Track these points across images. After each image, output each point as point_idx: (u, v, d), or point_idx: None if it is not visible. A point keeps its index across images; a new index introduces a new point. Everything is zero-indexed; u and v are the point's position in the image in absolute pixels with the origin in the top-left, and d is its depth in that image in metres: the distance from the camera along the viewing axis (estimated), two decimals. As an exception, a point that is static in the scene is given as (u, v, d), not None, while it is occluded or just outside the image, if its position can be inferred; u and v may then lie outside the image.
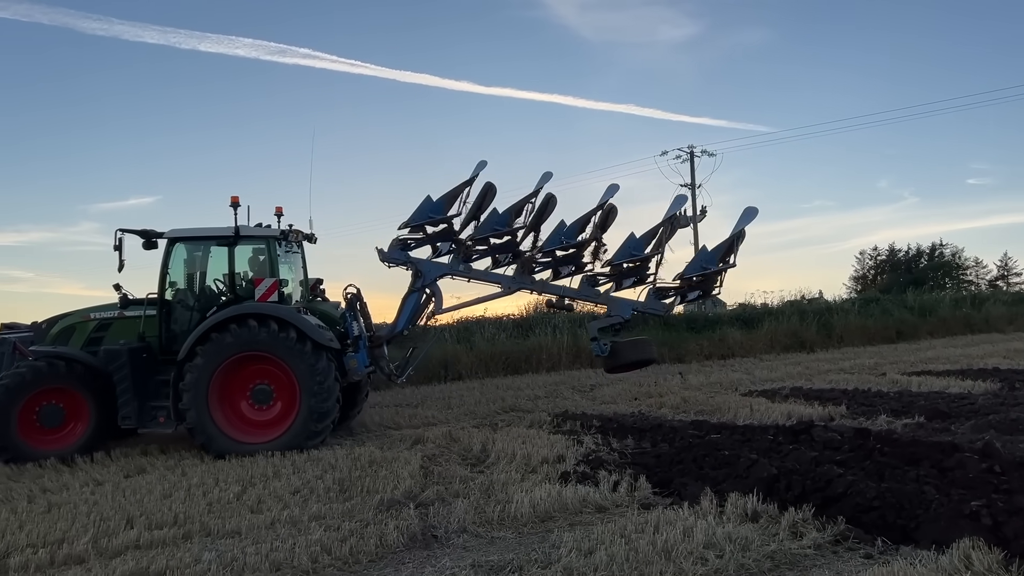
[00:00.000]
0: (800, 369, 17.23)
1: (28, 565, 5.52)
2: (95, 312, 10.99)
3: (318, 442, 9.99)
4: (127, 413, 10.11)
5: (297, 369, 9.96)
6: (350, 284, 12.08)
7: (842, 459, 6.97)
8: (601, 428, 10.10)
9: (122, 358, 10.17)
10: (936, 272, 54.21)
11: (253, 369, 10.14)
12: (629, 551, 4.95)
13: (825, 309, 26.80)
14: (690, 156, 44.56)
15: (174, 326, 10.68)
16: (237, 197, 10.83)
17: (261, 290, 10.58)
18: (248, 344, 9.96)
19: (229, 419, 9.99)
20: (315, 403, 9.89)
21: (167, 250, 10.69)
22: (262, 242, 11.03)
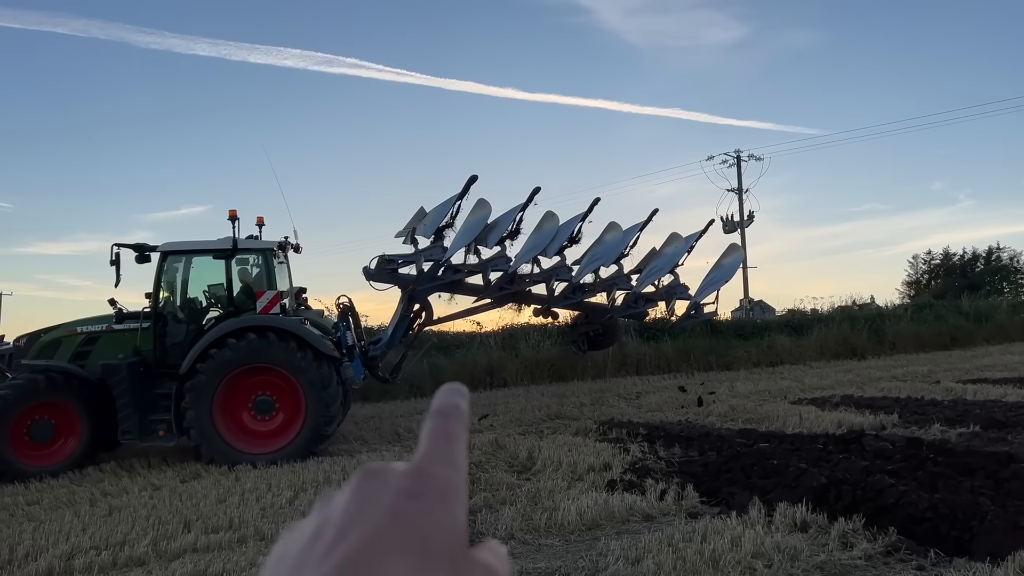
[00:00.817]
0: (851, 377, 16.94)
1: (92, 566, 5.73)
2: (82, 326, 10.90)
3: (325, 445, 10.37)
4: (128, 427, 10.05)
5: (303, 379, 10.16)
6: (342, 295, 12.60)
7: (894, 469, 6.87)
8: (647, 436, 10.08)
9: (122, 372, 10.10)
10: (993, 277, 52.70)
11: (254, 380, 10.26)
12: (676, 560, 4.96)
13: (877, 315, 26.27)
14: (737, 160, 44.13)
15: (169, 339, 10.76)
16: (235, 211, 11.12)
17: (263, 302, 10.67)
18: (254, 356, 10.11)
19: (232, 430, 10.09)
20: (322, 409, 10.15)
21: (161, 264, 10.81)
22: (259, 255, 11.16)
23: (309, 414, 10.16)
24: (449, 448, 0.46)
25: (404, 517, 0.41)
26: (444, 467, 0.45)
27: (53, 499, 8.46)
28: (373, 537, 0.40)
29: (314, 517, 0.45)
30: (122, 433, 10.09)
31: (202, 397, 9.92)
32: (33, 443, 9.89)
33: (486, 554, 0.45)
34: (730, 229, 43.56)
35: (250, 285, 11.05)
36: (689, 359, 20.77)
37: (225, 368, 10.03)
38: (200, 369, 9.98)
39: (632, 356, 20.52)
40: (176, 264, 11.03)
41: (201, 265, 11.23)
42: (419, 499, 0.43)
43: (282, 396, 10.34)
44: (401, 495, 0.43)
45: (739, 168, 44.11)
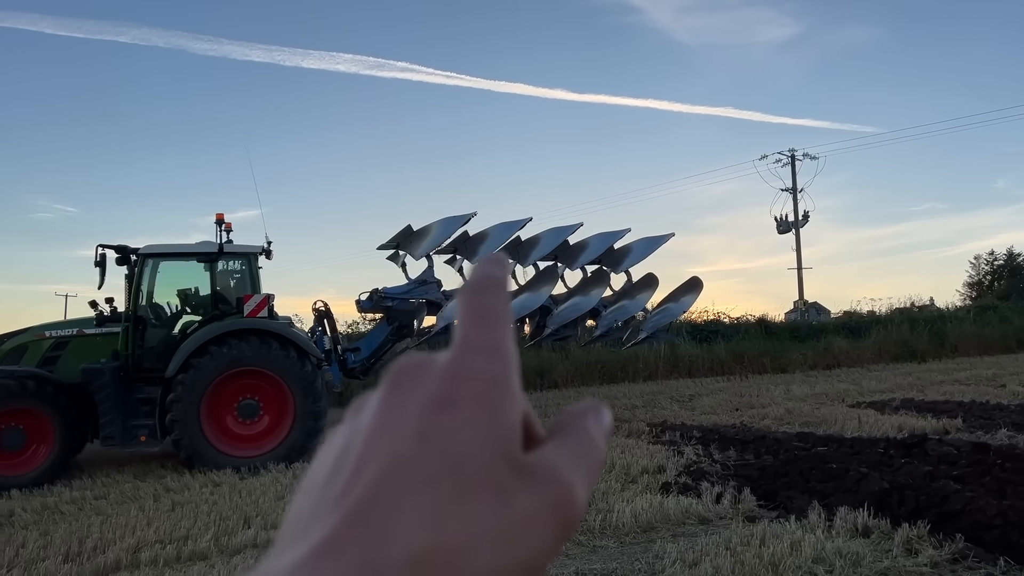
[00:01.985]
0: (911, 380, 16.53)
1: (157, 559, 5.89)
2: (50, 330, 10.65)
3: (318, 440, 10.24)
4: (110, 433, 9.83)
5: (292, 382, 10.19)
6: (318, 300, 12.62)
7: (959, 474, 6.68)
8: (701, 439, 9.97)
9: (105, 376, 9.90)
10: (1061, 277, 50.92)
11: (237, 385, 10.20)
12: (735, 563, 4.90)
13: (937, 317, 25.63)
14: (791, 159, 43.38)
15: (148, 343, 10.60)
16: (222, 214, 11.16)
17: (251, 305, 10.64)
18: (242, 360, 10.08)
19: (217, 435, 10.01)
20: (310, 411, 10.19)
21: (141, 267, 10.68)
22: (243, 258, 11.14)
23: (298, 416, 10.19)
24: (489, 334, 0.37)
25: (432, 436, 0.34)
26: (484, 359, 0.36)
27: (119, 494, 8.71)
28: (392, 470, 0.33)
29: (341, 434, 0.38)
30: (104, 439, 9.87)
31: (190, 401, 9.82)
32: (3, 451, 9.41)
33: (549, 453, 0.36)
34: (784, 230, 42.87)
35: (221, 291, 11.04)
36: (743, 361, 20.51)
37: (213, 372, 9.96)
38: (188, 373, 9.88)
39: (684, 358, 20.35)
40: (157, 267, 10.93)
41: (181, 269, 11.19)
42: (451, 410, 0.34)
43: (266, 399, 10.29)
44: (430, 408, 0.35)
45: (793, 167, 43.36)
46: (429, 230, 11.99)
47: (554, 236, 12.43)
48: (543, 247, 12.31)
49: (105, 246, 10.62)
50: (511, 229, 12.17)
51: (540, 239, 12.44)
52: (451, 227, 11.82)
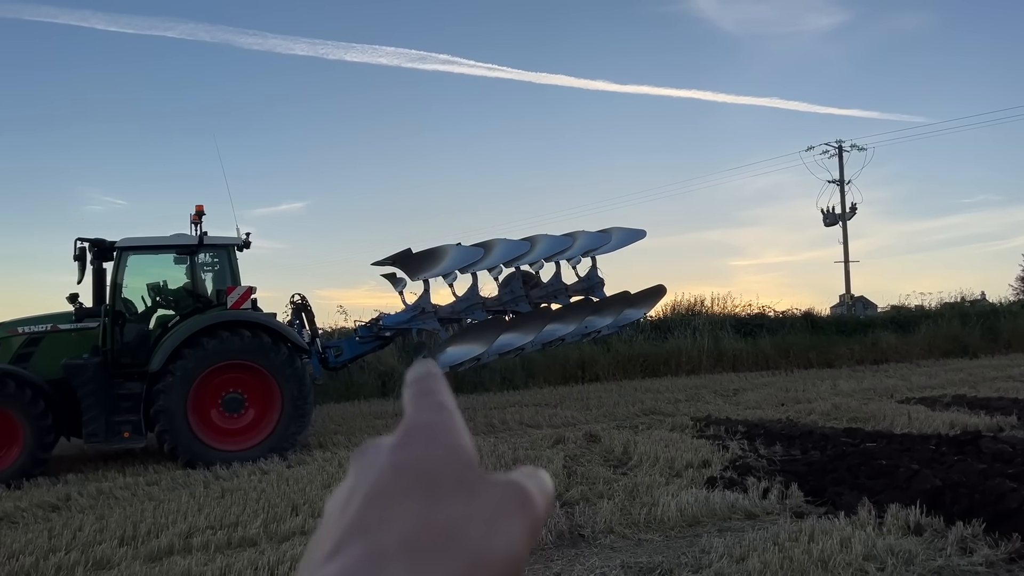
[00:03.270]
0: (962, 376, 16.15)
1: (208, 545, 6.02)
2: (23, 326, 10.33)
3: (302, 439, 10.39)
4: (94, 430, 9.67)
5: (278, 375, 10.11)
6: (296, 292, 12.54)
7: (1015, 473, 6.50)
8: (747, 434, 9.86)
9: (88, 372, 9.73)
10: (1120, 272, 49.29)
11: (222, 378, 10.12)
12: (783, 559, 4.84)
13: (990, 312, 25.00)
14: (838, 151, 42.60)
15: (128, 338, 10.42)
16: (202, 206, 11.03)
17: (234, 297, 10.54)
18: (230, 353, 10.00)
19: (203, 429, 9.93)
20: (299, 403, 10.17)
21: (119, 260, 10.46)
22: (223, 251, 11.00)
23: (285, 410, 10.13)
24: (431, 400, 0.46)
25: (403, 465, 0.42)
26: (431, 414, 0.45)
27: (170, 480, 8.92)
28: (376, 490, 0.41)
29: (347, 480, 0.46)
30: (88, 436, 9.72)
31: (176, 395, 9.71)
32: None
33: (511, 475, 0.45)
34: (831, 222, 42.15)
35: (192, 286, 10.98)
36: (788, 356, 20.24)
37: (200, 366, 9.85)
38: (173, 368, 9.75)
39: (728, 352, 20.16)
40: (135, 261, 10.74)
41: (162, 262, 11.14)
42: (413, 445, 0.43)
43: (251, 393, 10.22)
44: (396, 449, 0.43)
45: (841, 159, 42.58)
46: (440, 255, 11.55)
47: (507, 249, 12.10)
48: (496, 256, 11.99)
49: (84, 239, 10.52)
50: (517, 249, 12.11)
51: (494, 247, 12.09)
52: (464, 259, 11.56)
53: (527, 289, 12.60)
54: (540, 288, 12.85)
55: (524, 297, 12.55)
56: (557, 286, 12.99)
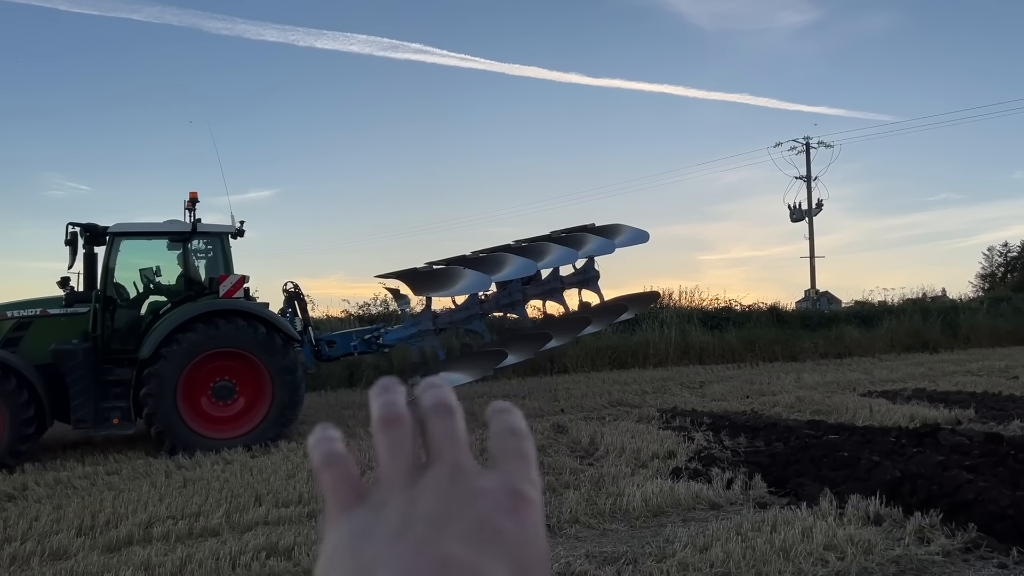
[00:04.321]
0: (923, 370, 16.45)
1: (169, 535, 5.94)
2: (12, 310, 10.22)
3: (289, 430, 10.30)
4: (83, 416, 9.60)
5: (270, 364, 10.08)
6: (288, 280, 12.48)
7: (972, 464, 6.64)
8: (712, 425, 9.95)
9: (78, 358, 9.65)
10: (1076, 270, 50.50)
11: (213, 366, 10.08)
12: (746, 549, 4.89)
13: (950, 308, 25.48)
14: (806, 147, 43.06)
15: (118, 324, 10.38)
16: (196, 193, 10.97)
17: (227, 286, 10.49)
18: (222, 341, 9.97)
19: (192, 416, 9.89)
20: (289, 393, 10.14)
21: (111, 246, 10.38)
22: (216, 238, 10.95)
23: (276, 399, 10.10)
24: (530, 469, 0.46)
25: (506, 534, 0.42)
26: (532, 489, 0.45)
27: (131, 469, 8.77)
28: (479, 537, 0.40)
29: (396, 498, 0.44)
30: (76, 422, 9.64)
31: (166, 383, 9.65)
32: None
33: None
34: (797, 218, 42.63)
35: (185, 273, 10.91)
36: (754, 349, 20.46)
37: (191, 353, 9.80)
38: (165, 354, 9.69)
39: (695, 345, 20.31)
40: (127, 246, 10.64)
41: (155, 248, 11.06)
42: (518, 519, 0.43)
43: (242, 381, 10.19)
44: (502, 511, 0.42)
45: (808, 155, 43.04)
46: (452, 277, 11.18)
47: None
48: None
49: (76, 224, 10.42)
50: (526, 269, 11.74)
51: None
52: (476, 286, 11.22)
53: (523, 286, 12.48)
54: (537, 285, 12.76)
55: (521, 301, 12.52)
56: (554, 284, 12.94)
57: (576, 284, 13.12)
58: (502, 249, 12.17)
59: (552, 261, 12.10)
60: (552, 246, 12.23)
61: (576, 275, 13.08)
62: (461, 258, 11.90)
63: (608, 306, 13.29)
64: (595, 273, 13.16)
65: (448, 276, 11.16)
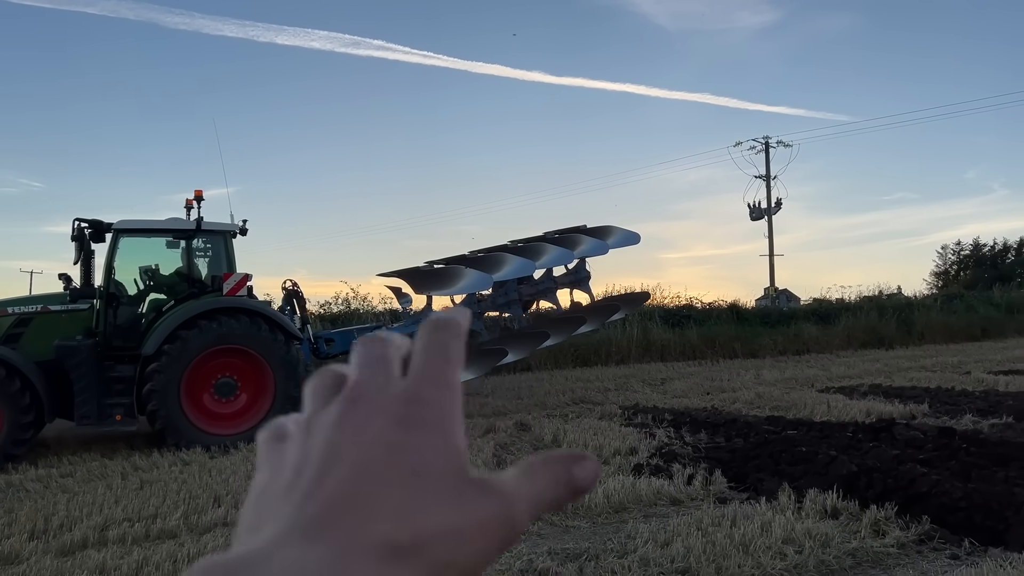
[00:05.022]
0: (879, 366, 16.78)
1: (125, 537, 5.82)
2: (12, 306, 10.17)
3: None
4: (86, 412, 9.60)
5: (273, 361, 10.18)
6: (287, 279, 12.62)
7: (926, 458, 6.80)
8: (673, 422, 10.04)
9: (81, 354, 9.66)
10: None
11: (215, 363, 10.15)
12: (706, 543, 4.94)
13: (905, 305, 26.04)
14: (765, 146, 43.67)
15: (121, 320, 10.39)
16: (200, 191, 11.01)
17: (230, 284, 10.58)
18: (226, 338, 10.03)
19: (195, 413, 9.94)
20: (291, 390, 10.20)
21: (114, 243, 10.41)
22: (219, 236, 10.99)
23: (278, 396, 10.17)
24: (444, 368, 0.42)
25: (398, 447, 0.39)
26: (439, 391, 0.41)
27: (86, 472, 8.58)
28: (365, 468, 0.38)
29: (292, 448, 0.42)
30: (80, 418, 9.63)
31: (170, 379, 9.69)
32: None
33: (501, 479, 0.41)
34: (757, 216, 43.21)
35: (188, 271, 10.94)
36: (714, 346, 20.68)
37: (195, 349, 9.87)
38: (169, 350, 9.73)
39: (656, 343, 20.47)
40: (127, 243, 10.63)
41: (158, 245, 11.05)
42: (414, 428, 0.40)
43: (244, 378, 10.25)
44: (395, 424, 0.40)
45: (767, 154, 43.67)
46: (453, 276, 11.56)
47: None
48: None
49: (82, 220, 10.43)
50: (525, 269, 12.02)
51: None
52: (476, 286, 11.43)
53: (517, 285, 12.66)
54: (530, 285, 12.96)
55: (518, 301, 12.72)
56: (547, 284, 13.18)
57: (568, 284, 13.43)
58: (499, 249, 12.52)
59: (548, 261, 12.42)
60: (548, 246, 12.54)
61: (568, 275, 13.37)
62: (460, 258, 12.25)
63: (601, 306, 13.66)
64: (586, 274, 13.47)
65: (449, 275, 11.48)
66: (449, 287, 11.36)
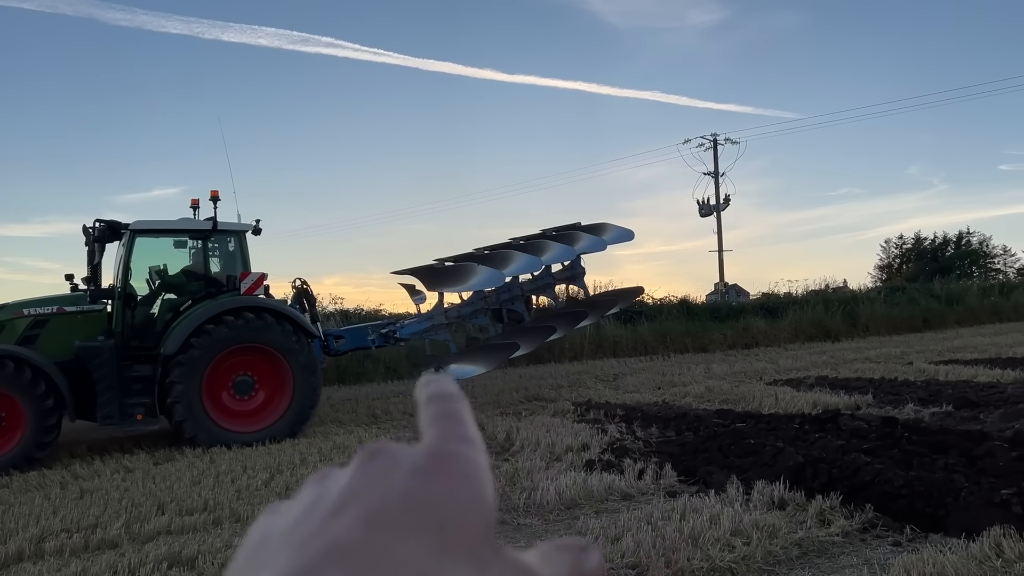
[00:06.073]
0: (825, 358, 17.10)
1: (63, 549, 5.64)
2: (28, 307, 10.17)
3: (310, 421, 10.68)
4: (109, 412, 9.71)
5: (293, 359, 10.40)
6: (297, 277, 12.82)
7: (869, 448, 6.92)
8: (625, 417, 10.09)
9: (104, 354, 9.77)
10: (963, 261, 53.62)
11: (234, 361, 10.33)
12: (656, 538, 4.96)
13: (850, 298, 26.59)
14: (713, 144, 44.25)
15: (138, 321, 10.50)
16: (217, 191, 11.09)
17: (247, 283, 10.77)
18: (247, 336, 10.20)
19: (215, 410, 10.07)
20: (309, 391, 10.44)
21: (130, 243, 10.47)
22: (234, 236, 11.15)
23: (296, 394, 10.36)
24: (462, 428, 0.39)
25: (418, 498, 0.35)
26: (463, 446, 0.38)
27: (23, 482, 8.32)
28: (380, 513, 0.34)
29: (306, 493, 0.39)
30: (103, 418, 9.74)
31: (192, 377, 9.84)
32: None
33: (528, 554, 0.39)
34: (706, 213, 43.78)
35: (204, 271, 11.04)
36: (665, 341, 20.88)
37: (217, 348, 10.04)
38: (193, 345, 9.89)
39: (609, 339, 20.60)
40: (145, 243, 10.76)
41: (173, 245, 11.14)
42: (437, 478, 0.36)
43: (262, 376, 10.43)
44: (415, 473, 0.36)
45: (715, 152, 44.28)
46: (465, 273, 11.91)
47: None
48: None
49: (102, 221, 10.57)
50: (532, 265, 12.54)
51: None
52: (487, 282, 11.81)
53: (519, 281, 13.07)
54: (530, 281, 13.35)
55: (520, 296, 13.14)
56: (546, 279, 13.54)
57: (564, 280, 13.94)
58: (505, 246, 13.11)
59: (552, 258, 12.93)
60: (550, 243, 13.05)
61: (564, 271, 13.80)
62: (469, 255, 12.84)
63: (600, 300, 14.32)
64: (581, 270, 13.91)
65: (462, 272, 11.95)
66: (461, 284, 11.81)
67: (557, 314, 13.58)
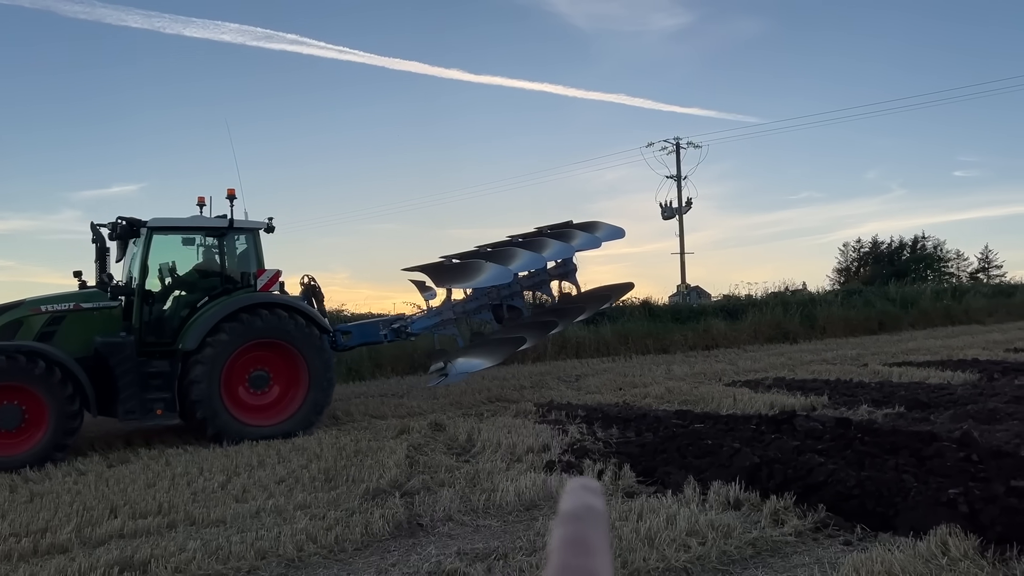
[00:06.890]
0: (783, 360, 17.34)
1: (11, 554, 5.51)
2: (45, 304, 10.19)
3: (324, 415, 11.01)
4: (131, 407, 9.79)
5: (309, 355, 10.60)
6: (305, 274, 12.94)
7: (823, 448, 7.04)
8: (586, 418, 10.14)
9: (126, 350, 9.85)
10: (918, 264, 54.80)
11: (250, 356, 10.52)
12: (613, 538, 5.00)
13: (808, 300, 26.99)
14: (676, 147, 44.66)
15: (156, 317, 10.62)
16: (233, 190, 11.18)
17: (263, 280, 10.92)
18: (267, 332, 10.41)
19: (232, 405, 10.25)
20: (325, 385, 10.69)
21: (148, 241, 10.51)
22: (249, 234, 11.29)
23: (312, 388, 10.57)
24: (586, 562, 0.38)
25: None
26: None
27: (-30, 485, 8.11)
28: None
29: None
30: (124, 413, 9.80)
31: (212, 372, 9.99)
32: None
33: None
34: (669, 216, 44.17)
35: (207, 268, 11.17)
36: (627, 342, 21.00)
37: (236, 343, 10.21)
38: (211, 343, 10.03)
39: (572, 340, 20.66)
40: (163, 241, 10.81)
41: (189, 242, 11.22)
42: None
43: (276, 371, 10.65)
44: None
45: (678, 155, 44.68)
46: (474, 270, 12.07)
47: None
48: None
49: (123, 218, 10.66)
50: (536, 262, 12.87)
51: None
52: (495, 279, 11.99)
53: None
54: (528, 277, 13.61)
55: (520, 293, 13.45)
56: (542, 276, 13.84)
57: (558, 276, 14.25)
58: (507, 244, 13.42)
59: (553, 254, 13.24)
60: (549, 241, 13.34)
61: (558, 268, 14.10)
62: (475, 252, 13.10)
63: (594, 295, 14.57)
64: (573, 266, 14.25)
65: (471, 269, 12.17)
66: (470, 280, 12.06)
67: (554, 309, 13.82)
